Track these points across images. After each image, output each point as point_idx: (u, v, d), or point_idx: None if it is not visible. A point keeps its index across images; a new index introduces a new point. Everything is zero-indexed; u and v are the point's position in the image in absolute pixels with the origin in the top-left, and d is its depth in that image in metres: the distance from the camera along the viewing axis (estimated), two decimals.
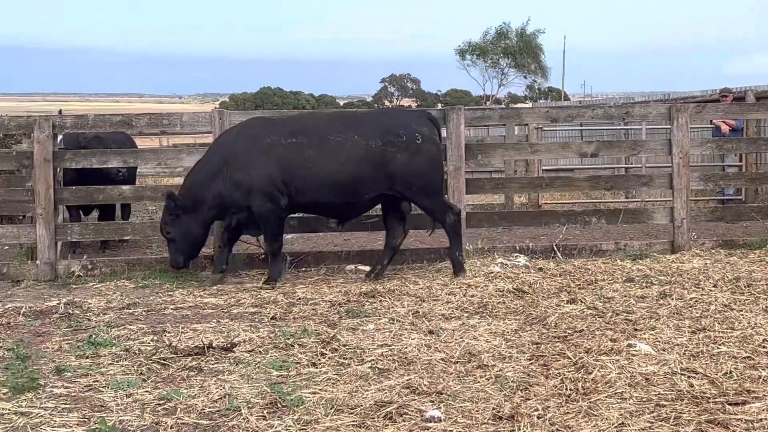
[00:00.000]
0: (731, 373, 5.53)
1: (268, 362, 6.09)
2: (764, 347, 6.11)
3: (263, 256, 9.97)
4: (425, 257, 10.29)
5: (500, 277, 8.91)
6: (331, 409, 5.07)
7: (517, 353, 6.18)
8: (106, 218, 12.54)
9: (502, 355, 6.15)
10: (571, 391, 5.27)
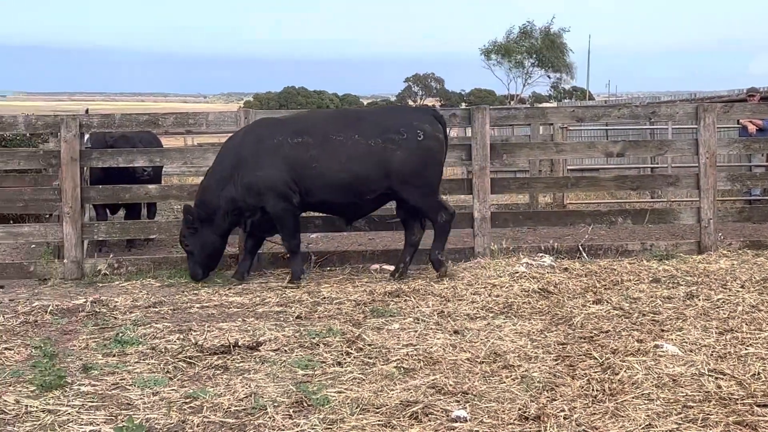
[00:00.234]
0: (759, 374, 5.49)
1: (293, 361, 6.10)
2: None
3: (288, 255, 9.98)
4: (449, 257, 10.25)
5: (525, 277, 8.88)
6: (356, 408, 5.08)
7: (543, 353, 6.17)
8: (132, 217, 12.63)
9: (527, 355, 6.13)
10: (597, 391, 5.25)
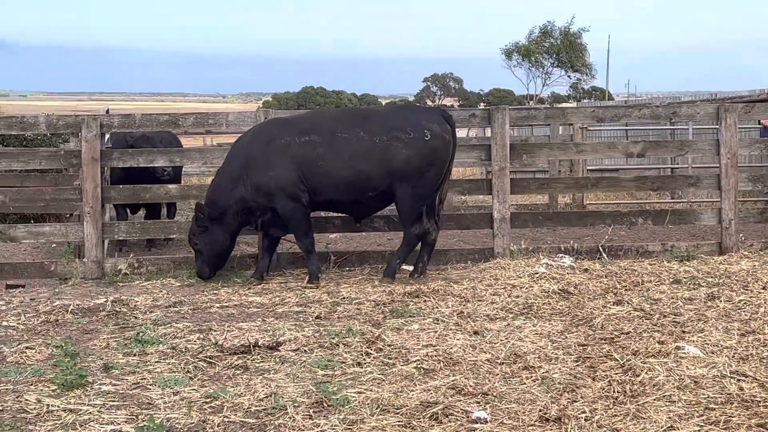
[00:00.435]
0: None
1: (313, 361, 6.11)
2: None
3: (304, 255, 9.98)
4: (469, 257, 10.25)
5: (545, 277, 8.85)
6: (376, 408, 5.07)
7: (563, 355, 6.15)
8: (152, 217, 12.68)
9: (548, 356, 6.11)
10: (618, 393, 5.23)
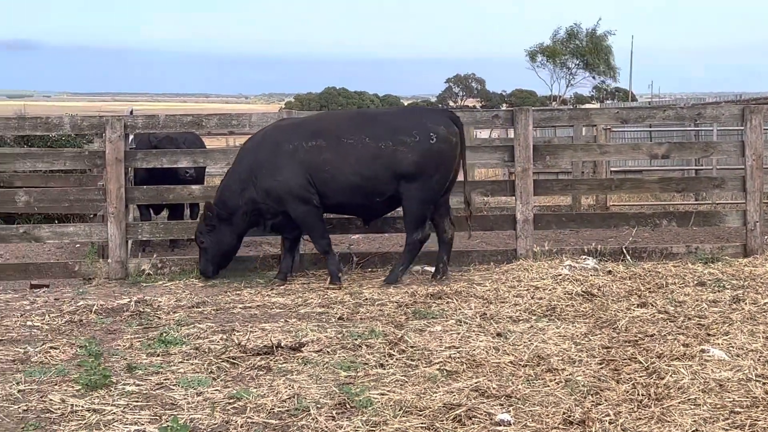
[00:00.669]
0: None
1: (336, 363, 6.11)
2: None
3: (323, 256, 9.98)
4: (491, 259, 10.22)
5: (568, 279, 8.80)
6: (399, 410, 5.06)
7: (587, 357, 6.11)
8: (175, 217, 12.74)
9: (571, 358, 6.09)
10: (643, 396, 5.20)
